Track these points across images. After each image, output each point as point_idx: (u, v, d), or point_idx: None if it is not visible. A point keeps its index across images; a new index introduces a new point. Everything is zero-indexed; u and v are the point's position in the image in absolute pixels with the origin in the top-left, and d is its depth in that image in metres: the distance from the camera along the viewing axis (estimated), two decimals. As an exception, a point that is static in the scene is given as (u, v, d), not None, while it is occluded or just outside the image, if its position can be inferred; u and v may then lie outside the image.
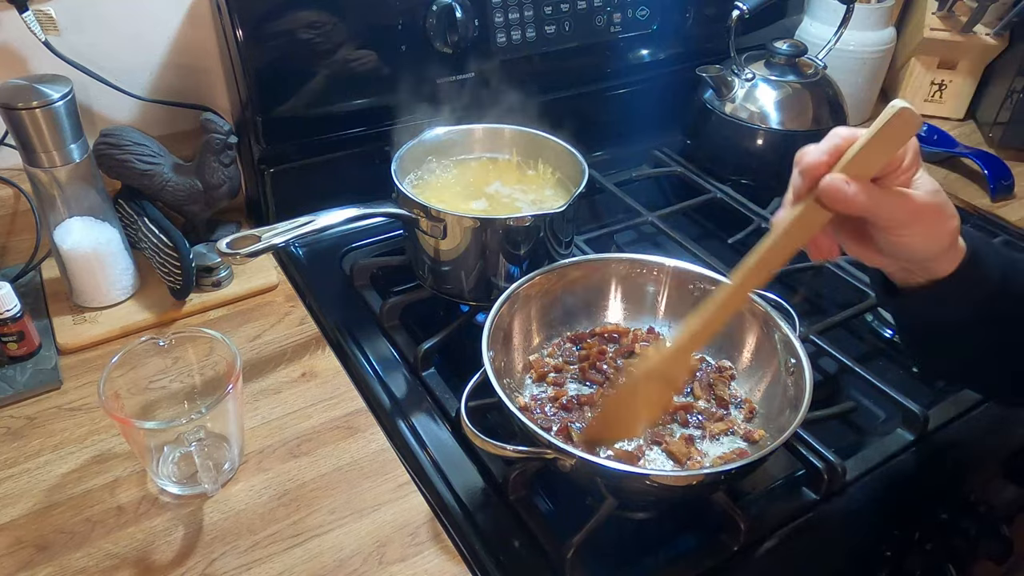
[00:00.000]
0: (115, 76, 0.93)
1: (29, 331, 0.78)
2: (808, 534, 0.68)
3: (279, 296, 0.91)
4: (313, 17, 0.89)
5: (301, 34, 0.89)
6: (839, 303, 0.97)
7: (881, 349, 0.95)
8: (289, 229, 0.74)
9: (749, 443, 0.69)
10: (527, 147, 0.94)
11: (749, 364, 0.76)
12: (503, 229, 0.80)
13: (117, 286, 0.86)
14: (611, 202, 1.09)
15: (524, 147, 0.94)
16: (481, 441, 0.61)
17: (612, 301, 0.82)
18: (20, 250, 0.92)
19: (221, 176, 0.92)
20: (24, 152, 0.77)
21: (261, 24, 0.87)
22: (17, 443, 0.72)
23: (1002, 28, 1.26)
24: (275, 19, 0.88)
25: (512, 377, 0.75)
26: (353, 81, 0.95)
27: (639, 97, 1.18)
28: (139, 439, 0.66)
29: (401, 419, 0.75)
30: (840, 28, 1.13)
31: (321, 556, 0.63)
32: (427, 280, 0.87)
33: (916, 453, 0.75)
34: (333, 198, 0.81)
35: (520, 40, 1.02)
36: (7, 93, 0.74)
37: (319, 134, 0.97)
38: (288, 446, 0.72)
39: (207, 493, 0.67)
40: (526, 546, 0.64)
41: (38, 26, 0.84)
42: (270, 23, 0.88)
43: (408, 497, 0.68)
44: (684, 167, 1.16)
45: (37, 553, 0.63)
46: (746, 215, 1.06)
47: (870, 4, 1.23)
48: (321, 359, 0.83)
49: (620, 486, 0.63)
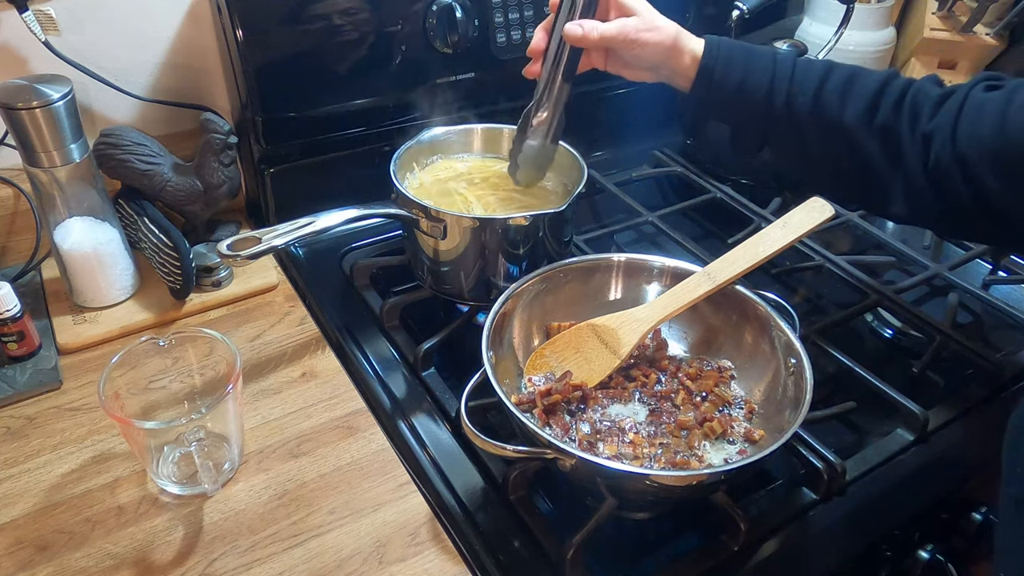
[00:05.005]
0: (115, 76, 0.93)
1: (29, 331, 0.78)
2: (808, 534, 0.68)
3: (279, 296, 0.91)
4: (313, 17, 0.89)
5: (301, 34, 0.89)
6: (839, 303, 0.97)
7: (881, 349, 0.95)
8: (289, 230, 0.74)
9: (749, 443, 0.69)
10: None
11: (749, 364, 0.76)
12: (502, 229, 0.80)
13: (117, 286, 0.86)
14: (611, 202, 1.09)
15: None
16: (481, 441, 0.61)
17: (612, 301, 0.82)
18: (20, 250, 0.92)
19: (221, 176, 0.92)
20: (24, 152, 0.77)
21: (261, 24, 0.87)
22: (17, 443, 0.72)
23: (1002, 28, 1.26)
24: (275, 19, 0.88)
25: (512, 377, 0.75)
26: (353, 81, 0.95)
27: (639, 97, 1.18)
28: (139, 439, 0.66)
29: (401, 419, 0.75)
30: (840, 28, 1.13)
31: (321, 556, 0.63)
32: (427, 280, 0.87)
33: (916, 453, 0.75)
34: (333, 198, 0.81)
35: (520, 40, 1.02)
36: (7, 93, 0.74)
37: (319, 134, 0.97)
38: (288, 446, 0.72)
39: (207, 493, 0.67)
40: (526, 546, 0.64)
41: (38, 26, 0.84)
42: (270, 23, 0.88)
43: (408, 497, 0.68)
44: (684, 167, 1.16)
45: (37, 553, 0.63)
46: (746, 215, 1.06)
47: (870, 4, 1.23)
48: (321, 359, 0.83)
49: (620, 486, 0.63)
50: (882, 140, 0.68)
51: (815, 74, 0.70)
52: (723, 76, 0.72)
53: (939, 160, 0.65)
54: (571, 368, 0.74)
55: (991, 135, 0.62)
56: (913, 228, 1.10)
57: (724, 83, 0.72)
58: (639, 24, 0.72)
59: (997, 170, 0.62)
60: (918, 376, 0.86)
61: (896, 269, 1.02)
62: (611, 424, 0.69)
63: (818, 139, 0.71)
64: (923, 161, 0.66)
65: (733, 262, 0.74)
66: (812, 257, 0.98)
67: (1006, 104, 0.62)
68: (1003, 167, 0.61)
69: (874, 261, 1.02)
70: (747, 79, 0.71)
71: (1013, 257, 1.03)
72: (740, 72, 0.71)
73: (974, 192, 0.64)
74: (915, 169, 0.67)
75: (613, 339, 0.74)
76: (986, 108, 0.63)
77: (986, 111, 0.63)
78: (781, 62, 0.71)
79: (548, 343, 0.77)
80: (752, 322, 0.75)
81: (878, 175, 0.69)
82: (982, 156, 0.62)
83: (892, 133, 0.68)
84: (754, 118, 0.73)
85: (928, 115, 0.66)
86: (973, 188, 0.64)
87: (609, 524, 0.65)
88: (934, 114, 0.66)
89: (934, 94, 0.67)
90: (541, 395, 0.70)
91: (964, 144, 0.63)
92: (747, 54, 0.72)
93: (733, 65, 0.72)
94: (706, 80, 0.72)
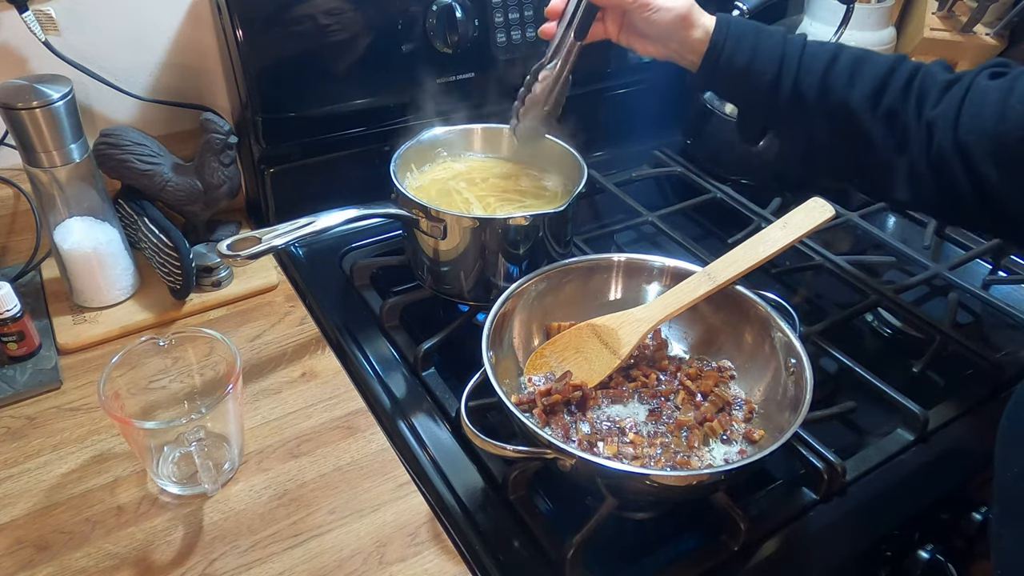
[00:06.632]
0: (115, 76, 0.93)
1: (29, 331, 0.78)
2: (808, 534, 0.68)
3: (279, 296, 0.91)
4: (313, 17, 0.89)
5: (301, 34, 0.89)
6: (839, 303, 0.97)
7: (881, 349, 0.95)
8: (289, 230, 0.74)
9: (749, 443, 0.69)
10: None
11: (749, 364, 0.76)
12: (502, 229, 0.80)
13: (117, 286, 0.86)
14: (611, 202, 1.09)
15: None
16: (481, 441, 0.61)
17: (612, 301, 0.82)
18: (20, 250, 0.92)
19: (221, 176, 0.92)
20: (24, 152, 0.77)
21: (261, 24, 0.87)
22: (17, 443, 0.72)
23: (1002, 28, 1.26)
24: (275, 19, 0.88)
25: (512, 377, 0.75)
26: (353, 81, 0.95)
27: (639, 97, 1.18)
28: (139, 439, 0.66)
29: (401, 419, 0.75)
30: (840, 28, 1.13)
31: (321, 556, 0.63)
32: (427, 280, 0.87)
33: (916, 453, 0.75)
34: (333, 198, 0.81)
35: (520, 40, 1.02)
36: (7, 93, 0.74)
37: (319, 134, 0.97)
38: (288, 446, 0.72)
39: (207, 493, 0.67)
40: (526, 546, 0.64)
41: (38, 26, 0.84)
42: (270, 23, 0.88)
43: (408, 497, 0.68)
44: (684, 167, 1.16)
45: (37, 553, 0.63)
46: (746, 215, 1.06)
47: (870, 4, 1.23)
48: (321, 359, 0.83)
49: (620, 486, 0.63)
50: (887, 124, 0.68)
51: (824, 56, 0.70)
52: (732, 54, 0.71)
53: (941, 147, 0.65)
54: (571, 368, 0.74)
55: (992, 123, 0.62)
56: (913, 228, 1.10)
57: (732, 61, 0.71)
58: None
59: (996, 159, 0.62)
60: (918, 376, 0.86)
61: (896, 269, 1.02)
62: (611, 424, 0.69)
63: (824, 122, 0.70)
64: (927, 147, 0.66)
65: (733, 262, 0.74)
66: (812, 257, 0.98)
67: (1007, 93, 0.62)
68: (1003, 157, 0.61)
69: (874, 261, 1.02)
70: (756, 59, 0.71)
71: (1013, 257, 1.03)
72: (749, 51, 0.71)
73: (974, 180, 0.63)
74: (919, 155, 0.66)
75: (613, 339, 0.74)
76: (988, 96, 0.63)
77: (988, 99, 0.63)
78: (791, 44, 0.71)
79: (548, 343, 0.77)
80: (752, 322, 0.75)
81: (882, 160, 0.69)
82: (982, 144, 0.62)
83: (898, 118, 0.67)
84: (760, 98, 0.72)
85: (933, 101, 0.66)
86: (973, 176, 0.63)
87: (609, 524, 0.65)
88: (939, 100, 0.66)
89: (941, 79, 0.67)
90: (541, 395, 0.70)
91: (965, 132, 0.63)
92: (757, 34, 0.72)
93: (743, 44, 0.71)
94: (715, 56, 0.72)
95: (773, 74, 0.70)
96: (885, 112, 0.67)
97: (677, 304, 0.74)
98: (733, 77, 0.73)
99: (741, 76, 0.72)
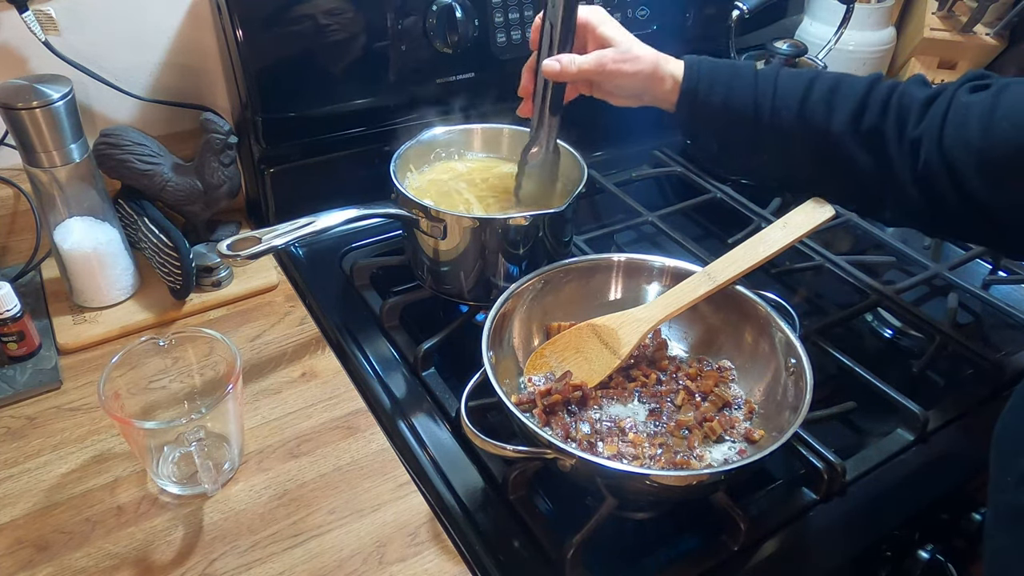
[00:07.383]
0: (115, 76, 0.93)
1: (29, 331, 0.78)
2: (808, 534, 0.68)
3: (279, 296, 0.91)
4: (313, 17, 0.89)
5: (301, 34, 0.89)
6: (839, 303, 0.97)
7: (881, 349, 0.95)
8: (289, 230, 0.74)
9: (749, 443, 0.69)
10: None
11: (749, 364, 0.76)
12: (502, 229, 0.80)
13: (117, 286, 0.86)
14: (611, 202, 1.09)
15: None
16: (481, 441, 0.61)
17: (612, 301, 0.82)
18: (20, 250, 0.92)
19: (221, 176, 0.92)
20: (24, 152, 0.77)
21: (261, 24, 0.87)
22: (17, 443, 0.72)
23: (1002, 28, 1.26)
24: (275, 19, 0.88)
25: (512, 377, 0.75)
26: (353, 81, 0.95)
27: (639, 97, 1.18)
28: (139, 439, 0.66)
29: (401, 419, 0.75)
30: (840, 28, 1.13)
31: (321, 556, 0.63)
32: (427, 280, 0.87)
33: (916, 453, 0.75)
34: (333, 198, 0.81)
35: (520, 40, 1.01)
36: (7, 93, 0.74)
37: (319, 134, 0.97)
38: (288, 446, 0.72)
39: (207, 493, 0.67)
40: (526, 546, 0.64)
41: (38, 26, 0.84)
42: (270, 23, 0.88)
43: (408, 497, 0.68)
44: (684, 167, 1.16)
45: (37, 553, 0.63)
46: (746, 215, 1.06)
47: (870, 4, 1.23)
48: (321, 359, 0.83)
49: (620, 486, 0.63)
50: (869, 146, 0.68)
51: (799, 85, 0.70)
52: (706, 97, 0.72)
53: (928, 165, 0.65)
54: (571, 368, 0.74)
55: (977, 139, 0.62)
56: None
57: (708, 103, 0.72)
58: (616, 55, 0.72)
59: (983, 174, 0.62)
60: (918, 376, 0.86)
61: (896, 269, 1.02)
62: (611, 424, 0.69)
63: (806, 150, 0.71)
64: (912, 166, 0.66)
65: (733, 262, 0.74)
66: (812, 257, 0.98)
67: (991, 108, 0.62)
68: (990, 171, 0.61)
69: (874, 261, 1.02)
70: (730, 97, 0.71)
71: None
72: (723, 91, 0.71)
73: (962, 196, 0.63)
74: (904, 174, 0.67)
75: (613, 339, 0.74)
76: (971, 111, 0.63)
77: (971, 115, 0.63)
78: (763, 77, 0.71)
79: (548, 343, 0.77)
80: (752, 322, 0.75)
81: (868, 182, 0.69)
82: (968, 160, 0.62)
83: (879, 138, 0.67)
84: (741, 135, 0.73)
85: (915, 120, 0.66)
86: (961, 192, 0.63)
87: (609, 524, 0.65)
88: (921, 118, 0.66)
89: (920, 96, 0.67)
90: (541, 395, 0.70)
91: (950, 148, 0.63)
92: (728, 72, 0.72)
93: (715, 85, 0.72)
94: (689, 102, 0.73)
95: (751, 109, 0.71)
96: (866, 133, 0.68)
97: (677, 304, 0.74)
98: (711, 118, 0.73)
99: (719, 116, 0.72)
